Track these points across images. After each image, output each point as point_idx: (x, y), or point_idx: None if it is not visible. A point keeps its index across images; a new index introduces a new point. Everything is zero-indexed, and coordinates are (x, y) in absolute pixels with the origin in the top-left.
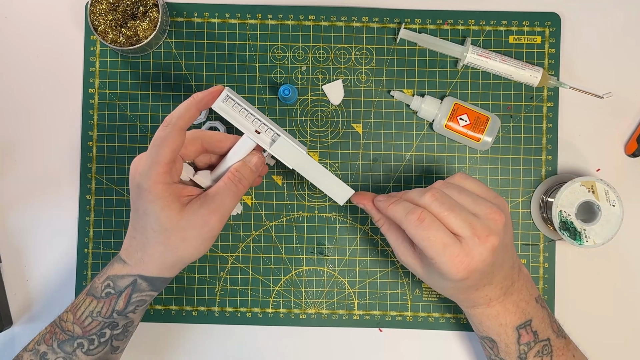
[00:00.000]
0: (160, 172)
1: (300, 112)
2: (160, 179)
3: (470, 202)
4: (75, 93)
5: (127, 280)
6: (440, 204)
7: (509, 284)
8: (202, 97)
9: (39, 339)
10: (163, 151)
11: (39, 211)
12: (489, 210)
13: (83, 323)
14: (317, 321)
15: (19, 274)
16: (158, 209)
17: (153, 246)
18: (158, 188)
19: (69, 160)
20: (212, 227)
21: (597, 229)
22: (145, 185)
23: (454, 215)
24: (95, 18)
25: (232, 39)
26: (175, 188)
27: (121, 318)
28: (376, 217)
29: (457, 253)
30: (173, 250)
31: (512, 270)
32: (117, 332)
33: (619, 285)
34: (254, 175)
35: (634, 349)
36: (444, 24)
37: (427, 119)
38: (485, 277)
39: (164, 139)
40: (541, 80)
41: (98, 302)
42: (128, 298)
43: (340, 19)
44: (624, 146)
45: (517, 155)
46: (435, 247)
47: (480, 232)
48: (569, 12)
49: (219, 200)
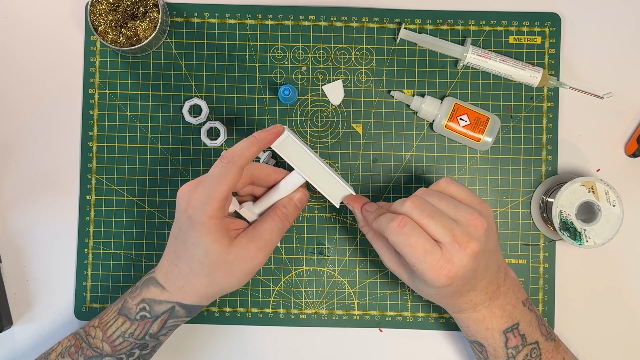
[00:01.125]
0: (215, 208)
1: (300, 112)
2: (214, 214)
3: (452, 208)
4: (75, 93)
5: (164, 307)
6: (420, 211)
7: (495, 288)
8: (264, 137)
9: (62, 351)
10: (221, 188)
11: (39, 211)
12: (470, 216)
13: (114, 342)
14: (317, 321)
15: (19, 274)
16: (208, 242)
17: (197, 277)
18: (211, 223)
19: (69, 160)
20: (258, 262)
21: (597, 229)
22: (198, 218)
23: (434, 222)
24: (95, 18)
25: (232, 39)
26: (225, 222)
27: (152, 340)
28: (361, 224)
29: (438, 259)
30: (217, 282)
31: (498, 274)
32: (145, 352)
33: (619, 286)
34: (298, 211)
35: (634, 349)
36: (444, 24)
37: (427, 119)
38: (468, 283)
39: (224, 176)
40: (541, 80)
41: (132, 324)
42: (163, 323)
43: (340, 19)
44: (624, 146)
45: (517, 155)
46: (416, 253)
47: (461, 239)
48: (569, 12)
49: (267, 236)
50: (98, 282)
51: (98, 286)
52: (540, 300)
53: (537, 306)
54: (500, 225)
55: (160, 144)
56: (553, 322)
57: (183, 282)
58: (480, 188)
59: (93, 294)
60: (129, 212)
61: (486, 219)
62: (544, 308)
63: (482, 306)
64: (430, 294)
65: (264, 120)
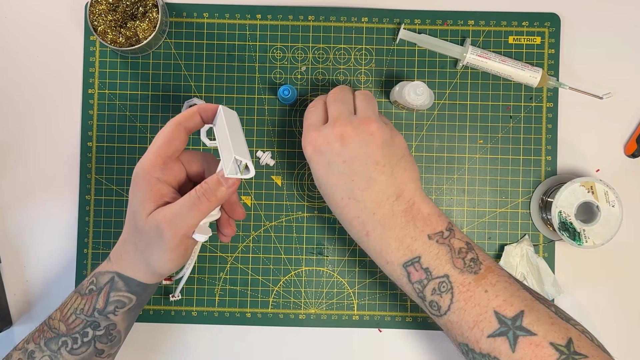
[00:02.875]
0: (152, 161)
1: (300, 113)
2: (150, 168)
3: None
4: (75, 93)
5: (106, 277)
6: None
7: (387, 214)
8: (205, 107)
9: (28, 338)
10: (158, 142)
11: (39, 211)
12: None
13: (68, 320)
14: (317, 321)
15: (18, 274)
16: (137, 202)
17: (128, 244)
18: (145, 178)
19: (68, 160)
20: (167, 237)
21: (597, 230)
22: (137, 170)
23: (334, 106)
24: (95, 18)
25: (232, 39)
26: (160, 186)
27: (102, 318)
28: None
29: (310, 130)
30: (141, 251)
31: (393, 199)
32: (99, 334)
33: (618, 286)
34: (221, 187)
35: (634, 349)
36: (443, 25)
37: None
38: (333, 173)
39: (160, 134)
40: (541, 80)
41: (82, 299)
42: (107, 296)
43: (340, 20)
44: (623, 147)
45: (516, 156)
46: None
47: (336, 120)
48: (569, 12)
49: (176, 208)
50: None
51: None
52: None
53: None
54: (500, 226)
55: None
56: None
57: (121, 250)
58: (480, 188)
59: None
60: None
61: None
62: None
63: (374, 234)
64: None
65: (264, 120)
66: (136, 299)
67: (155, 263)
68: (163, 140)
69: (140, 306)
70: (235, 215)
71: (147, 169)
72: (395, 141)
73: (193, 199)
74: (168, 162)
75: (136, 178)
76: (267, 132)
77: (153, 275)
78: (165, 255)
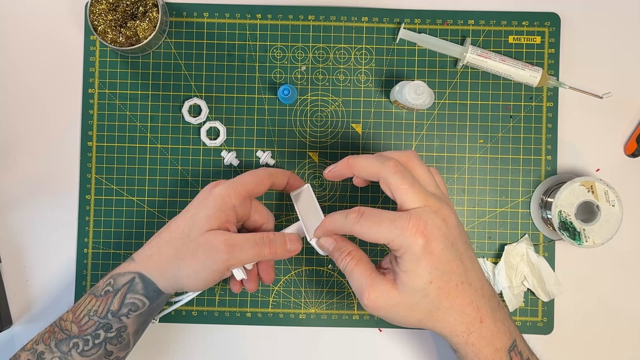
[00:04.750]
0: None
1: (300, 112)
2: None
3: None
4: (75, 93)
5: (126, 278)
6: (402, 177)
7: (491, 294)
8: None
9: (37, 339)
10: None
11: (39, 211)
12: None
13: (80, 322)
14: (317, 321)
15: (19, 274)
16: (203, 214)
17: (168, 247)
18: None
19: (69, 160)
20: (220, 260)
21: (597, 229)
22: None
23: (412, 190)
24: (95, 18)
25: (232, 39)
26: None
27: (115, 320)
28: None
29: (408, 219)
30: (179, 259)
31: (487, 281)
32: (110, 336)
33: (618, 286)
34: (284, 247)
35: (634, 349)
36: (443, 24)
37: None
38: (453, 260)
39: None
40: (541, 80)
41: (97, 300)
42: (123, 298)
43: (340, 19)
44: (623, 146)
45: (517, 155)
46: (384, 226)
47: (433, 204)
48: (569, 12)
49: (239, 240)
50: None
51: None
52: (539, 301)
53: (537, 307)
54: (500, 225)
55: (160, 144)
56: (553, 322)
57: (154, 250)
58: (480, 188)
59: None
60: (128, 212)
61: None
62: (544, 308)
63: (487, 317)
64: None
65: (264, 120)
66: (149, 305)
67: (186, 275)
68: (253, 179)
69: (150, 314)
70: (265, 275)
71: (230, 192)
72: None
73: (258, 240)
74: (246, 199)
75: (214, 194)
76: (267, 132)
77: (173, 286)
78: (202, 273)
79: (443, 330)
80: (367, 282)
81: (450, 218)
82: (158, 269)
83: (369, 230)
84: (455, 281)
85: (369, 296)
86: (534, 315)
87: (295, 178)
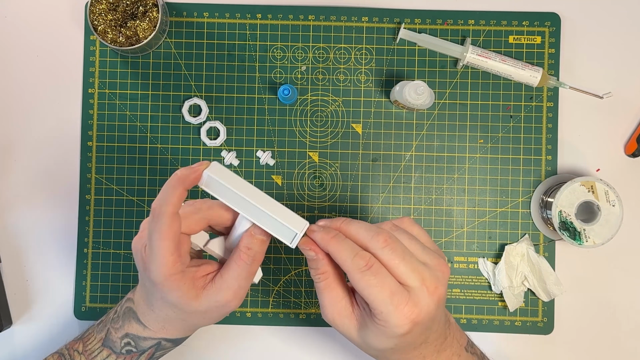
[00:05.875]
0: (168, 266)
1: (300, 112)
2: (170, 272)
3: (420, 251)
4: (75, 93)
5: (150, 342)
6: (392, 251)
7: (442, 340)
8: (186, 175)
9: None
10: (164, 244)
11: (39, 211)
12: (437, 261)
13: None
14: (317, 321)
15: (19, 274)
16: (175, 298)
17: (174, 321)
18: (171, 281)
19: (68, 160)
20: (233, 307)
21: (597, 229)
22: (157, 280)
23: (404, 264)
24: (95, 18)
25: (232, 39)
26: (189, 273)
27: None
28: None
29: (406, 302)
30: (195, 324)
31: (445, 325)
32: None
33: (618, 286)
34: (265, 245)
35: (634, 349)
36: (443, 24)
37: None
38: (424, 332)
39: (160, 232)
40: (541, 80)
41: (117, 356)
42: (151, 355)
43: (340, 19)
44: (623, 146)
45: (517, 155)
46: (383, 294)
47: (429, 283)
48: (569, 12)
49: (236, 285)
50: (98, 282)
51: (97, 286)
52: (539, 301)
53: (537, 307)
54: (500, 225)
55: (160, 144)
56: (553, 322)
57: (162, 323)
58: (480, 188)
59: (92, 293)
60: (128, 212)
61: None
62: (544, 308)
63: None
64: (382, 349)
65: (264, 120)
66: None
67: (210, 323)
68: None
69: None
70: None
71: (166, 275)
72: None
73: (247, 267)
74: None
75: (158, 285)
76: (267, 132)
77: (197, 329)
78: (225, 315)
79: None
80: (333, 309)
81: (442, 295)
82: (177, 331)
83: (365, 285)
84: (415, 346)
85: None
86: (534, 315)
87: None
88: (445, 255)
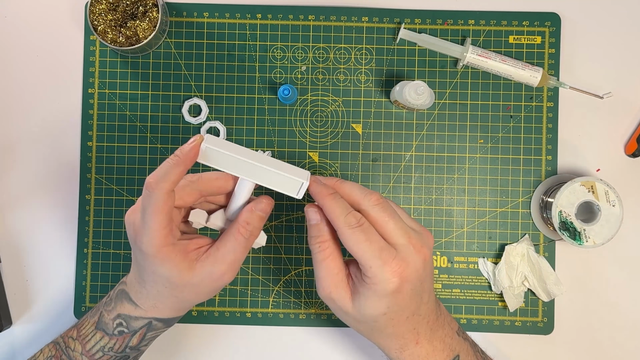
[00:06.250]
0: (160, 238)
1: (300, 112)
2: (162, 243)
3: (406, 217)
4: (75, 93)
5: (141, 322)
6: (383, 210)
7: (434, 318)
8: (187, 153)
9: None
10: (157, 218)
11: (39, 211)
12: (422, 228)
13: (94, 356)
14: (317, 321)
15: (19, 274)
16: (166, 270)
17: (166, 297)
18: (163, 252)
19: (68, 160)
20: (226, 281)
21: (597, 229)
22: (149, 251)
23: (393, 222)
24: (95, 18)
25: (232, 39)
26: (180, 246)
27: (133, 351)
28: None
29: (393, 257)
30: (187, 300)
31: (435, 304)
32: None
33: (618, 286)
34: (263, 221)
35: (634, 349)
36: (444, 24)
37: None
38: (415, 297)
39: (154, 206)
40: (541, 80)
41: (110, 338)
42: (143, 336)
43: (340, 19)
44: (624, 146)
45: (517, 155)
46: (372, 250)
47: (416, 242)
48: (569, 12)
49: (231, 257)
50: (97, 282)
51: (97, 286)
52: (539, 301)
53: (537, 307)
54: (500, 225)
55: (160, 144)
56: (553, 322)
57: (154, 301)
58: (480, 188)
59: (92, 293)
60: None
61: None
62: (544, 308)
63: (424, 339)
64: (376, 315)
65: (264, 120)
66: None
67: (204, 299)
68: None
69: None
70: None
71: (158, 246)
72: None
73: (244, 241)
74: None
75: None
76: (267, 132)
77: (190, 308)
78: (219, 290)
79: (379, 345)
80: (330, 281)
81: (428, 256)
82: (168, 310)
83: (355, 241)
84: (407, 314)
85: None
86: (535, 316)
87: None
88: (446, 255)
